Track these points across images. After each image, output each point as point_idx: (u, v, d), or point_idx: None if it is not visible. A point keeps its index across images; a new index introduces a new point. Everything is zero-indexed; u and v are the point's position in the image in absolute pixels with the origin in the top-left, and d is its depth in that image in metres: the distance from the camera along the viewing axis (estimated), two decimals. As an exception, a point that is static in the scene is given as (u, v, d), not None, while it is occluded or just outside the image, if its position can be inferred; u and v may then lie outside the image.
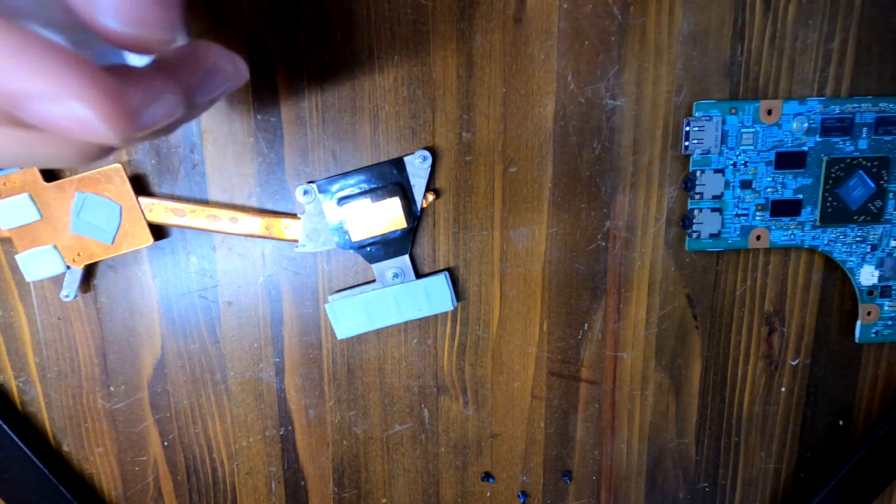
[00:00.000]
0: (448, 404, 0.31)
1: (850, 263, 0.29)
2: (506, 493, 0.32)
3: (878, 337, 0.30)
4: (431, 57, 0.27)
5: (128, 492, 0.31)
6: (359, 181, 0.27)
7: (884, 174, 0.28)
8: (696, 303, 0.30)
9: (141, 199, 0.27)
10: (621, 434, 0.32)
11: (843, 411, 0.32)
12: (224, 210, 0.28)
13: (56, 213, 0.27)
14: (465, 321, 0.30)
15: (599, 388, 0.31)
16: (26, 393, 0.30)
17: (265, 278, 0.29)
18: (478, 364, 0.30)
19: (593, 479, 0.32)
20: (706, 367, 0.31)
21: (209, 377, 0.30)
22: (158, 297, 0.29)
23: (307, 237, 0.28)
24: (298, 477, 0.31)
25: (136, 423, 0.30)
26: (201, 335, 0.30)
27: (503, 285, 0.30)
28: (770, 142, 0.28)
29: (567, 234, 0.29)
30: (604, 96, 0.28)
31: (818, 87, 0.28)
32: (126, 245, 0.27)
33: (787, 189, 0.29)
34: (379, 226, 0.28)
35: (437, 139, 0.28)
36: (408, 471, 0.32)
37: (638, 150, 0.28)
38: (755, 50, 0.28)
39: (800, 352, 0.31)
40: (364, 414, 0.31)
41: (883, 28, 0.28)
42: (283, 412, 0.31)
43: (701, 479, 0.32)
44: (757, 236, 0.29)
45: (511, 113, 0.28)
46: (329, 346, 0.30)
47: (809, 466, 0.33)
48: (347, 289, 0.29)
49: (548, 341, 0.30)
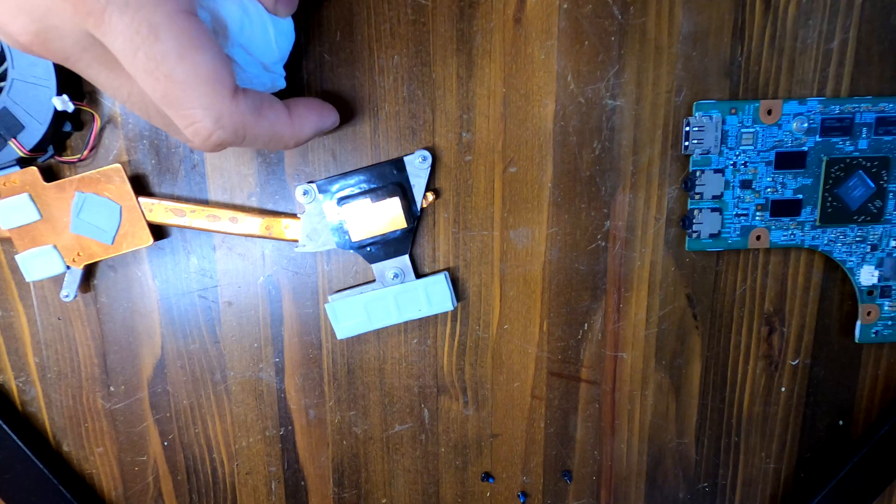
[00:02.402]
0: (448, 404, 0.31)
1: (850, 263, 0.29)
2: (506, 493, 0.32)
3: (878, 337, 0.30)
4: (431, 57, 0.27)
5: (128, 492, 0.31)
6: (359, 181, 0.27)
7: (884, 174, 0.28)
8: (696, 303, 0.30)
9: (141, 199, 0.27)
10: (621, 434, 0.32)
11: (843, 411, 0.32)
12: (224, 210, 0.28)
13: (56, 213, 0.27)
14: (465, 321, 0.30)
15: (599, 388, 0.31)
16: (26, 393, 0.30)
17: (265, 278, 0.29)
18: (478, 364, 0.30)
19: (593, 479, 0.32)
20: (706, 367, 0.31)
21: (209, 377, 0.30)
22: (158, 297, 0.29)
23: (307, 237, 0.28)
24: (298, 477, 0.31)
25: (136, 423, 0.30)
26: (201, 335, 0.30)
27: (503, 285, 0.30)
28: (770, 142, 0.28)
29: (567, 234, 0.29)
30: (604, 96, 0.28)
31: (818, 87, 0.28)
32: (126, 245, 0.27)
33: (787, 189, 0.29)
34: (379, 226, 0.28)
35: (437, 139, 0.28)
36: (408, 471, 0.32)
37: (638, 150, 0.28)
38: (755, 50, 0.28)
39: (800, 352, 0.31)
40: (364, 414, 0.31)
41: (883, 28, 0.28)
42: (283, 412, 0.31)
43: (701, 479, 0.32)
44: (757, 236, 0.29)
45: (511, 113, 0.28)
46: (329, 346, 0.30)
47: (809, 466, 0.33)
48: (347, 289, 0.29)
49: (548, 341, 0.30)
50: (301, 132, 0.23)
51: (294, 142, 0.23)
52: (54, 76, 0.25)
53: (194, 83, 0.19)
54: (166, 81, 0.18)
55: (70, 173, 0.27)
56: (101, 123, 0.27)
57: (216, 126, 0.20)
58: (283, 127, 0.22)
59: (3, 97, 0.25)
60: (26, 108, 0.25)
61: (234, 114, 0.20)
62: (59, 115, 0.25)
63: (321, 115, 0.24)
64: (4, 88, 0.25)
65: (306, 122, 0.23)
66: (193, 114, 0.19)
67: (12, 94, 0.25)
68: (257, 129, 0.21)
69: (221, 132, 0.20)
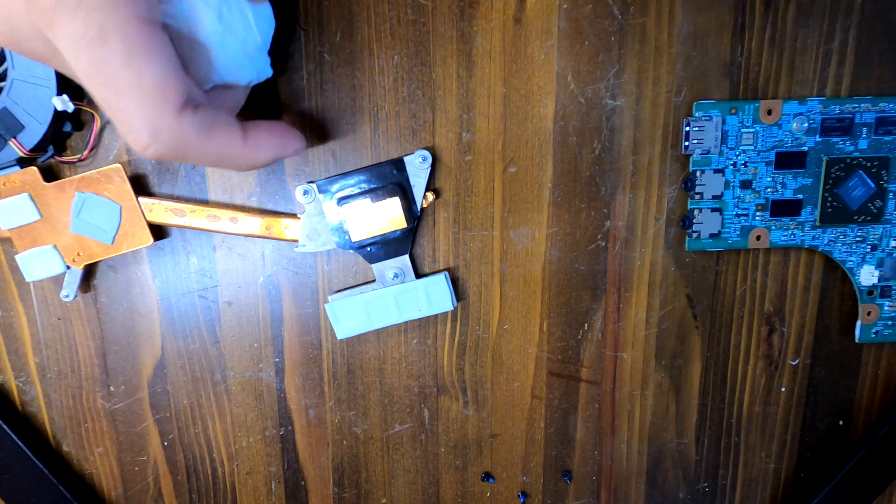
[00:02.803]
0: (448, 404, 0.31)
1: (850, 263, 0.29)
2: (506, 493, 0.32)
3: (878, 337, 0.30)
4: (431, 57, 0.27)
5: (128, 492, 0.31)
6: (359, 181, 0.27)
7: (884, 174, 0.28)
8: (696, 303, 0.30)
9: (141, 199, 0.27)
10: (621, 434, 0.32)
11: (843, 411, 0.32)
12: (224, 210, 0.28)
13: (56, 213, 0.27)
14: (465, 321, 0.30)
15: (599, 388, 0.31)
16: (26, 393, 0.30)
17: (265, 278, 0.29)
18: (478, 364, 0.30)
19: (593, 479, 0.32)
20: (706, 367, 0.31)
21: (209, 377, 0.30)
22: (158, 297, 0.29)
23: (307, 237, 0.28)
24: (298, 477, 0.31)
25: (136, 423, 0.30)
26: (201, 335, 0.30)
27: (503, 285, 0.30)
28: (770, 142, 0.28)
29: (567, 234, 0.29)
30: (604, 96, 0.28)
31: (818, 87, 0.28)
32: (126, 245, 0.27)
33: (787, 189, 0.29)
34: (379, 226, 0.28)
35: (437, 139, 0.28)
36: (408, 471, 0.32)
37: (638, 150, 0.28)
38: (755, 50, 0.28)
39: (800, 352, 0.31)
40: (364, 414, 0.31)
41: (883, 28, 0.28)
42: (283, 412, 0.31)
43: (701, 479, 0.32)
44: (757, 236, 0.29)
45: (511, 113, 0.28)
46: (329, 346, 0.30)
47: (809, 466, 0.33)
48: (347, 289, 0.29)
49: (548, 341, 0.30)
50: (255, 157, 0.22)
51: (248, 165, 0.22)
52: (54, 76, 0.25)
53: (136, 93, 0.18)
54: (107, 86, 0.18)
55: (70, 173, 0.27)
56: (101, 123, 0.27)
57: (152, 140, 0.19)
58: (233, 150, 0.21)
59: (3, 97, 0.25)
60: (26, 108, 0.25)
61: (174, 131, 0.19)
62: (59, 115, 0.25)
63: (282, 142, 0.23)
64: (4, 88, 0.25)
65: (263, 148, 0.22)
66: (131, 123, 0.18)
67: (12, 94, 0.25)
68: (202, 150, 0.20)
69: (158, 147, 0.19)
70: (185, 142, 0.19)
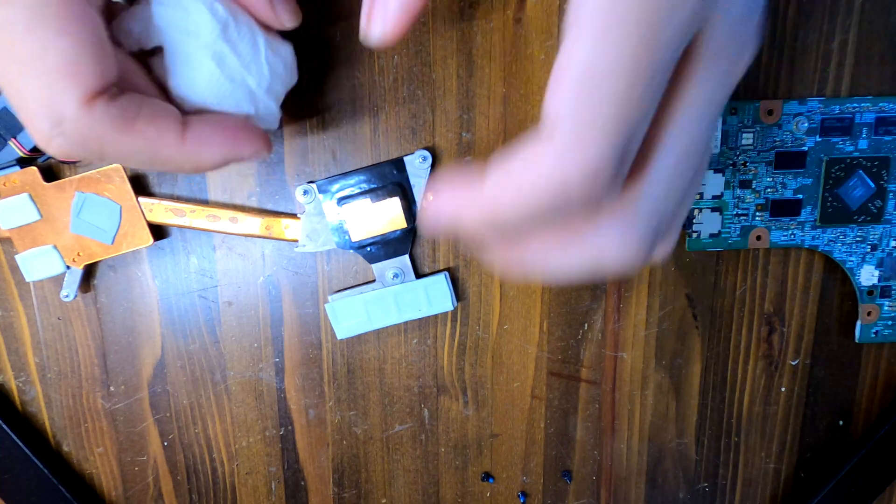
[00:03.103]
0: (448, 404, 0.31)
1: (850, 263, 0.29)
2: (506, 494, 0.32)
3: (878, 337, 0.30)
4: (431, 57, 0.27)
5: (128, 492, 0.31)
6: (359, 181, 0.27)
7: (884, 174, 0.28)
8: (696, 303, 0.30)
9: (141, 198, 0.27)
10: (621, 434, 0.32)
11: (843, 411, 0.32)
12: (224, 210, 0.28)
13: (56, 213, 0.27)
14: (465, 321, 0.30)
15: (599, 388, 0.31)
16: (26, 393, 0.30)
17: (265, 278, 0.29)
18: (478, 364, 0.30)
19: (593, 479, 0.32)
20: (706, 367, 0.31)
21: (209, 377, 0.30)
22: (158, 297, 0.29)
23: (307, 237, 0.28)
24: (298, 477, 0.31)
25: (136, 423, 0.30)
26: (201, 335, 0.30)
27: (503, 285, 0.30)
28: (770, 142, 0.28)
29: (567, 234, 0.29)
30: (604, 96, 0.28)
31: (818, 87, 0.28)
32: (126, 245, 0.27)
33: (787, 189, 0.29)
34: (379, 226, 0.28)
35: (437, 139, 0.28)
36: (408, 471, 0.32)
37: (638, 150, 0.28)
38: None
39: (800, 352, 0.31)
40: (364, 414, 0.31)
41: (883, 28, 0.28)
42: (283, 412, 0.31)
43: (701, 479, 0.32)
44: (757, 236, 0.29)
45: (511, 113, 0.28)
46: (329, 346, 0.30)
47: (809, 466, 0.33)
48: (347, 289, 0.29)
49: (548, 341, 0.30)
50: (199, 158, 0.18)
51: (190, 167, 0.18)
52: (54, 76, 0.25)
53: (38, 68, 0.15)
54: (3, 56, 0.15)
55: (70, 173, 0.27)
56: (101, 123, 0.27)
57: (54, 131, 0.15)
58: (167, 149, 0.18)
59: (2, 97, 0.25)
60: (26, 108, 0.25)
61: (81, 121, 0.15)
62: (59, 115, 0.25)
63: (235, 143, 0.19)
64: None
65: (207, 148, 0.18)
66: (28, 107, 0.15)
67: (12, 94, 0.25)
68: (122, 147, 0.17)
69: (62, 141, 0.16)
70: (97, 136, 0.16)
